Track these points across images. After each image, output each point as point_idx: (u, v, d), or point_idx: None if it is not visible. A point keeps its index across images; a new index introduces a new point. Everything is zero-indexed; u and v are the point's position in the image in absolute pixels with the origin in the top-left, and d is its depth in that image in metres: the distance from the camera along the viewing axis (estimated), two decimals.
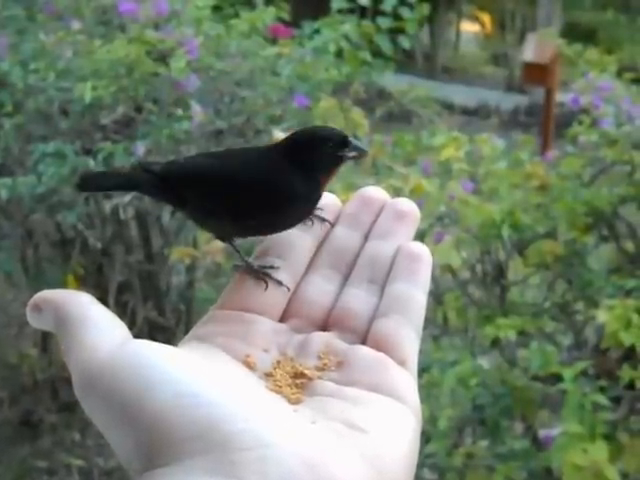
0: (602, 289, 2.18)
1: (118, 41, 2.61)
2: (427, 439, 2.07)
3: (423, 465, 2.17)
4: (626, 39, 9.83)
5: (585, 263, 2.30)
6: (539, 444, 2.11)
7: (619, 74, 2.69)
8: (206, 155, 0.61)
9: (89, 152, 2.55)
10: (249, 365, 0.46)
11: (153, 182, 0.58)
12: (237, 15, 2.92)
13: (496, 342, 2.21)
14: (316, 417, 0.42)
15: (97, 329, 0.42)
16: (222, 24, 2.85)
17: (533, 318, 2.22)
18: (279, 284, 0.51)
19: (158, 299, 2.94)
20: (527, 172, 2.47)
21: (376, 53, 2.77)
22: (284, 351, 0.48)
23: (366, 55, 2.74)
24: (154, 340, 0.42)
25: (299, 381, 0.46)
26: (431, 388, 2.05)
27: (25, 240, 2.94)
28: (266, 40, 2.83)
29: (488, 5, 12.00)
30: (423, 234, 2.26)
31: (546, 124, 5.81)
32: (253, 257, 0.55)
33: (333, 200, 0.56)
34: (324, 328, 0.50)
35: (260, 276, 0.52)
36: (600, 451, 1.76)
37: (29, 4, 2.92)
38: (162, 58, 2.63)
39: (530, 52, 5.78)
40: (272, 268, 0.52)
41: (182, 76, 2.54)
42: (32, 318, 0.44)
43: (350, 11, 2.78)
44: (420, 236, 2.10)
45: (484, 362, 2.22)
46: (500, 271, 2.43)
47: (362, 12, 2.81)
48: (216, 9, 2.95)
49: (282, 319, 0.51)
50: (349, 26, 2.73)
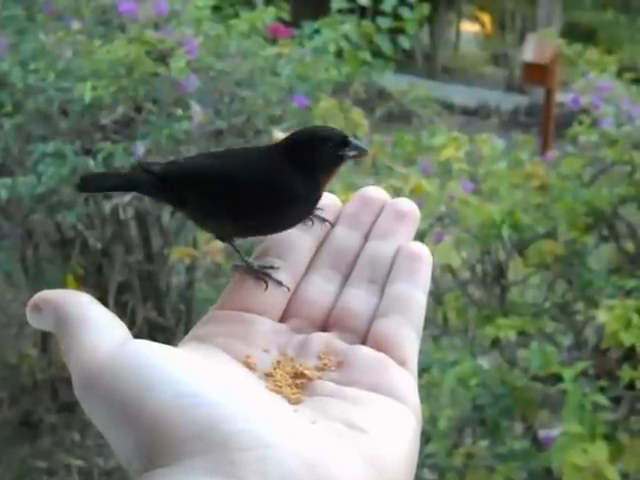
0: (602, 289, 2.18)
1: (118, 41, 2.61)
2: (427, 439, 2.07)
3: (423, 465, 2.17)
4: (626, 39, 9.82)
5: (585, 263, 2.30)
6: (539, 444, 2.11)
7: (619, 74, 2.69)
8: (206, 155, 0.61)
9: (89, 152, 2.55)
10: (249, 365, 0.46)
11: (153, 182, 0.58)
12: (237, 15, 2.92)
13: (496, 342, 2.20)
14: (316, 417, 0.42)
15: (97, 329, 0.42)
16: (222, 24, 2.85)
17: (533, 318, 2.22)
18: (279, 284, 0.51)
19: (158, 299, 2.93)
20: (527, 172, 2.47)
21: (376, 53, 2.77)
22: (284, 351, 0.48)
23: (366, 55, 2.74)
24: (154, 340, 0.42)
25: (299, 381, 0.46)
26: (431, 388, 2.05)
27: (25, 240, 2.94)
28: (266, 40, 2.83)
29: (488, 5, 12.00)
30: (423, 234, 2.26)
31: (546, 124, 5.81)
32: (253, 257, 0.55)
33: (333, 200, 0.56)
34: (324, 328, 0.50)
35: (260, 276, 0.52)
36: (600, 451, 1.76)
37: (29, 4, 2.92)
38: (162, 58, 2.63)
39: (530, 52, 5.78)
40: (272, 268, 0.52)
41: (182, 76, 2.54)
42: (32, 318, 0.44)
43: (350, 11, 2.78)
44: (420, 236, 2.10)
45: (484, 362, 2.22)
46: (500, 271, 2.43)
47: (362, 12, 2.81)
48: (216, 9, 2.95)
49: (282, 319, 0.51)
50: (349, 26, 2.73)
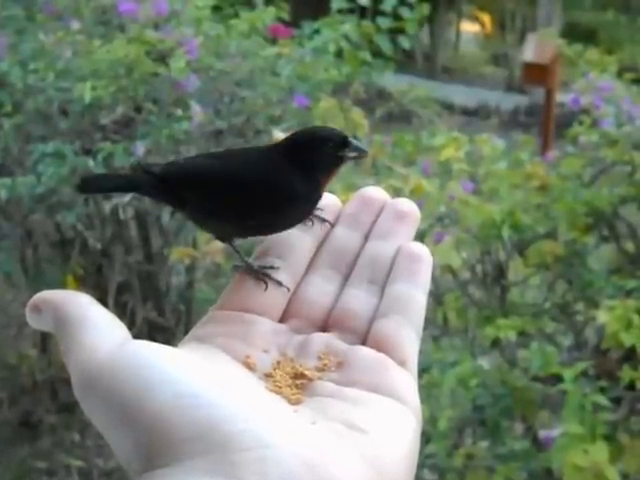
0: (602, 290, 2.18)
1: (118, 41, 2.61)
2: (427, 440, 2.07)
3: (423, 466, 2.17)
4: (626, 39, 9.83)
5: (585, 263, 2.30)
6: (539, 445, 2.11)
7: (619, 74, 2.69)
8: (206, 156, 0.61)
9: (89, 152, 2.55)
10: (249, 366, 0.46)
11: (153, 183, 0.58)
12: (237, 15, 2.92)
13: (496, 342, 2.20)
14: (316, 418, 0.42)
15: (96, 330, 0.42)
16: (222, 24, 2.84)
17: (533, 318, 2.22)
18: (279, 284, 0.51)
19: (158, 299, 2.93)
20: (527, 172, 2.47)
21: (376, 53, 2.77)
22: (284, 352, 0.48)
23: (366, 55, 2.74)
24: (154, 341, 0.42)
25: (299, 382, 0.46)
26: (431, 388, 2.05)
27: (24, 240, 2.94)
28: (266, 40, 2.83)
29: (488, 5, 12.00)
30: (423, 234, 2.26)
31: (546, 124, 5.81)
32: (253, 257, 0.54)
33: (333, 200, 0.56)
34: (324, 329, 0.50)
35: (260, 276, 0.52)
36: (600, 452, 1.76)
37: (28, 4, 2.92)
38: (162, 58, 2.63)
39: (530, 52, 5.78)
40: (272, 268, 0.52)
41: (182, 76, 2.54)
42: (31, 319, 0.44)
43: (350, 11, 2.78)
44: (420, 236, 2.10)
45: (484, 363, 2.22)
46: (500, 271, 2.43)
47: (362, 12, 2.81)
48: (216, 9, 2.95)
49: (282, 319, 0.51)
50: (349, 26, 2.73)
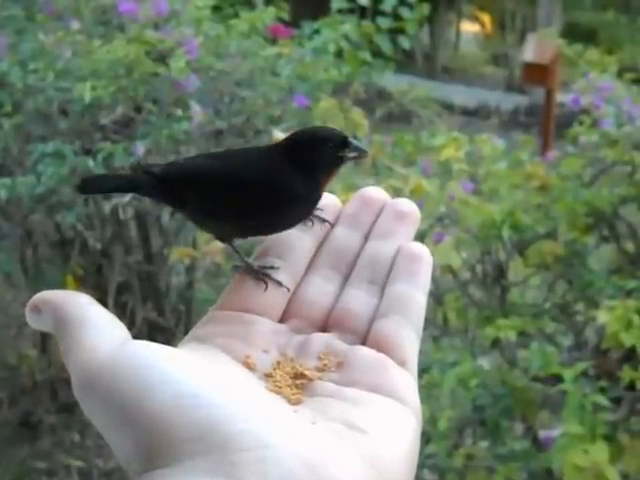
0: (602, 290, 2.18)
1: (117, 41, 2.61)
2: (427, 440, 2.07)
3: (423, 466, 2.17)
4: (626, 39, 9.82)
5: (585, 264, 2.30)
6: (539, 445, 2.11)
7: (619, 74, 2.69)
8: (206, 156, 0.61)
9: (88, 152, 2.55)
10: (249, 366, 0.46)
11: (153, 183, 0.58)
12: (237, 15, 2.92)
13: (496, 343, 2.20)
14: (316, 418, 0.42)
15: (96, 330, 0.42)
16: (222, 24, 2.84)
17: (533, 319, 2.21)
18: (279, 285, 0.51)
19: (158, 300, 2.93)
20: (527, 172, 2.47)
21: (376, 53, 2.77)
22: (284, 352, 0.48)
23: (366, 55, 2.74)
24: (153, 341, 0.42)
25: (299, 382, 0.45)
26: (431, 389, 2.05)
27: (24, 240, 2.94)
28: (266, 40, 2.83)
29: (488, 5, 12.00)
30: (423, 234, 2.26)
31: (546, 124, 5.81)
32: (253, 257, 0.54)
33: (333, 200, 0.56)
34: (324, 329, 0.50)
35: (260, 277, 0.52)
36: (600, 452, 1.76)
37: (28, 4, 2.92)
38: (162, 58, 2.63)
39: (530, 52, 5.77)
40: (272, 268, 0.52)
41: (182, 76, 2.54)
42: (31, 319, 0.44)
43: (350, 11, 2.78)
44: (420, 236, 2.10)
45: (484, 363, 2.22)
46: (500, 272, 2.43)
47: (362, 12, 2.81)
48: (216, 9, 2.95)
49: (282, 320, 0.51)
50: (349, 26, 2.73)
